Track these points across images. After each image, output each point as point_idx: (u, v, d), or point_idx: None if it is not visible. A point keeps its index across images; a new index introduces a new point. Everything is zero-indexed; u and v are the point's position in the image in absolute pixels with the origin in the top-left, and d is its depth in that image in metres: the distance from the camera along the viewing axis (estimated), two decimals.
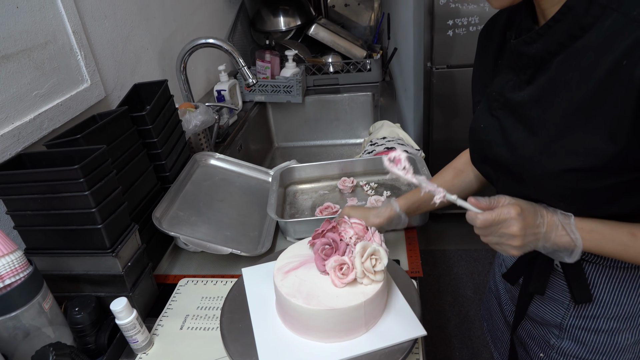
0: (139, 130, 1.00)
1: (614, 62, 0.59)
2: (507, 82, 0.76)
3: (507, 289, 1.00)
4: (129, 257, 0.85)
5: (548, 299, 0.86)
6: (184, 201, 1.09)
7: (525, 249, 0.67)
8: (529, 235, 0.66)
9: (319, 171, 1.27)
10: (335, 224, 0.76)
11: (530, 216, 0.67)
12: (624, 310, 0.80)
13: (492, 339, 1.14)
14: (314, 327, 0.68)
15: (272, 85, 1.87)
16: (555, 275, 0.83)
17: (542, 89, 0.68)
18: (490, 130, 0.79)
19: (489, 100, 0.80)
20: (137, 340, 0.80)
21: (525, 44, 0.69)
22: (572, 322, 0.84)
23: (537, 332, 0.91)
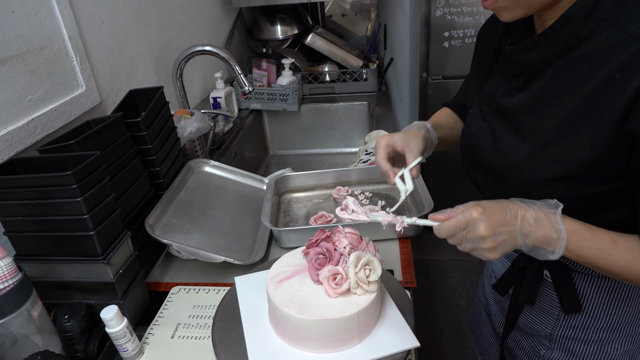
0: (133, 136, 1.00)
1: (608, 76, 0.60)
2: (499, 88, 0.77)
3: (497, 300, 1.00)
4: (120, 264, 0.84)
5: (538, 309, 0.86)
6: (178, 208, 1.08)
7: (502, 249, 0.63)
8: (501, 233, 0.62)
9: (314, 180, 1.27)
10: (330, 233, 0.76)
11: (497, 213, 0.63)
12: (613, 320, 0.80)
13: (480, 350, 1.13)
14: (307, 338, 0.68)
15: (268, 93, 1.88)
16: (544, 286, 0.83)
17: (535, 97, 0.69)
18: (481, 135, 0.80)
19: (481, 104, 0.81)
20: (127, 349, 0.79)
21: (520, 51, 0.70)
22: (562, 332, 0.84)
23: (527, 342, 0.91)
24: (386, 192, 1.24)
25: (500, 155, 0.74)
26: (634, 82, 0.56)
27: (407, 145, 0.82)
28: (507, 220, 0.63)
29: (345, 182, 1.27)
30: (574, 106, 0.63)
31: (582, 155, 0.63)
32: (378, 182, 1.27)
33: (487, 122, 0.79)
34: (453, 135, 1.00)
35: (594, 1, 0.61)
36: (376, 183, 1.27)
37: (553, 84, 0.66)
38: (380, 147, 0.83)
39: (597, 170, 0.63)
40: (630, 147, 0.60)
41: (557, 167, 0.66)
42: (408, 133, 0.86)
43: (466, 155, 0.85)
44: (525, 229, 0.63)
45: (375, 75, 2.02)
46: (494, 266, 0.98)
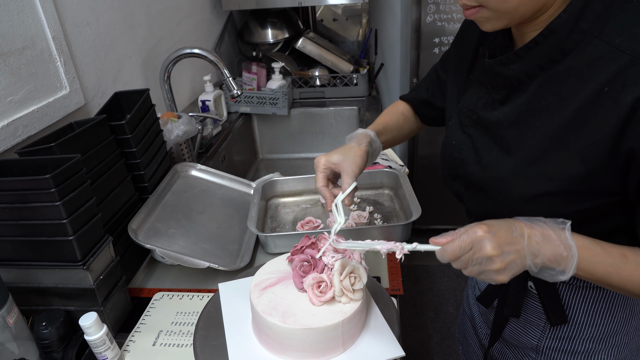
0: (117, 139, 0.98)
1: (596, 90, 0.59)
2: (478, 99, 0.75)
3: (482, 312, 0.98)
4: (101, 270, 0.82)
5: (523, 321, 0.85)
6: (163, 212, 1.07)
7: (512, 270, 0.59)
8: (509, 253, 0.58)
9: (302, 184, 1.26)
10: (315, 240, 0.75)
11: (502, 231, 0.59)
12: (599, 330, 0.79)
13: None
14: (290, 347, 0.67)
15: (257, 96, 1.86)
16: (529, 297, 0.82)
17: (520, 111, 0.67)
18: (462, 148, 0.78)
19: (460, 116, 0.79)
20: (106, 357, 0.77)
21: (501, 64, 0.68)
22: (549, 344, 0.83)
23: (513, 354, 0.90)
24: (374, 197, 1.23)
25: (484, 170, 0.73)
26: (626, 97, 0.55)
27: (345, 168, 0.80)
28: (514, 239, 0.59)
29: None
30: (562, 121, 0.62)
31: (573, 171, 0.62)
32: (366, 188, 1.26)
33: (468, 135, 0.77)
34: (401, 135, 1.01)
35: (577, 14, 0.60)
36: (364, 189, 1.26)
37: (538, 98, 0.65)
38: (318, 171, 0.82)
39: (588, 187, 0.62)
40: (625, 163, 0.58)
41: (547, 183, 0.64)
42: (347, 151, 0.83)
43: (447, 168, 0.84)
44: (534, 248, 0.59)
45: (366, 80, 2.02)
46: None
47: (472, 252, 0.58)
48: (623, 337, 0.81)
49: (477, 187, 0.76)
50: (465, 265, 0.60)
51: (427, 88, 0.99)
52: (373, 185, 1.26)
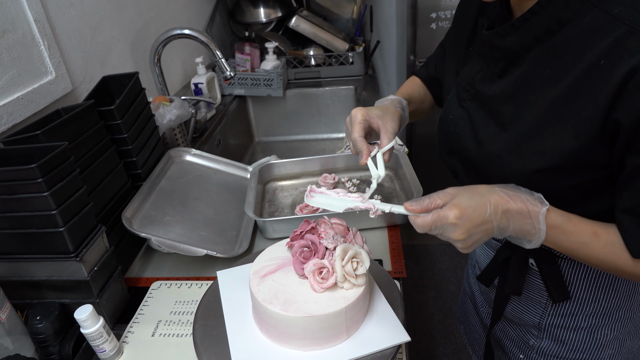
0: (107, 125, 0.95)
1: (592, 62, 0.56)
2: (477, 72, 0.73)
3: (482, 291, 0.97)
4: (95, 261, 0.79)
5: (525, 299, 0.84)
6: (157, 200, 1.04)
7: (476, 245, 0.62)
8: (476, 233, 0.60)
9: (300, 167, 1.23)
10: (315, 225, 0.72)
11: (475, 214, 0.59)
12: (602, 306, 0.78)
13: (470, 341, 1.11)
14: (292, 335, 0.65)
15: (251, 78, 1.82)
16: (531, 275, 0.81)
17: (516, 84, 0.65)
18: (459, 122, 0.76)
19: (459, 90, 0.77)
20: (104, 350, 0.75)
21: (498, 36, 0.66)
22: (551, 321, 0.82)
23: (515, 333, 0.89)
24: None
25: (480, 145, 0.71)
26: (620, 69, 0.53)
27: (384, 124, 0.78)
28: (486, 220, 0.59)
29: (331, 169, 1.23)
30: (557, 94, 0.60)
31: (566, 146, 0.60)
32: (366, 169, 1.23)
33: (465, 109, 0.75)
34: (422, 108, 0.97)
35: None
36: (364, 170, 1.23)
37: (534, 71, 0.63)
38: (356, 122, 0.78)
39: (581, 161, 0.61)
40: (613, 137, 0.57)
41: (540, 158, 0.63)
42: (385, 110, 0.81)
43: (444, 143, 0.82)
44: (504, 224, 0.60)
45: (362, 58, 1.97)
46: (478, 256, 0.95)
47: (441, 232, 0.60)
48: (627, 312, 0.80)
49: (471, 163, 0.74)
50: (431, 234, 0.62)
51: (434, 65, 0.96)
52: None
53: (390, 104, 0.85)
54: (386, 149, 0.76)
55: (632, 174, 0.57)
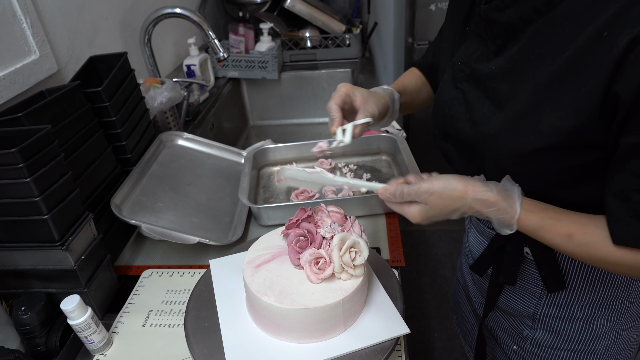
0: (94, 108, 0.91)
1: (594, 34, 0.53)
2: (473, 52, 0.70)
3: (475, 281, 0.95)
4: (82, 249, 0.76)
5: (519, 288, 0.82)
6: (148, 185, 1.00)
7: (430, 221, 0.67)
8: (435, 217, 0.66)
9: (295, 152, 1.20)
10: (311, 213, 0.69)
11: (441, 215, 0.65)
12: (599, 296, 0.76)
13: (462, 331, 1.10)
14: (288, 327, 0.62)
15: (246, 60, 1.77)
16: (525, 264, 0.79)
17: (513, 61, 0.63)
18: (454, 104, 0.74)
19: (454, 70, 0.74)
20: (93, 341, 0.72)
21: (496, 9, 0.63)
22: (546, 311, 0.80)
23: (509, 323, 0.87)
24: (372, 164, 1.17)
25: (475, 126, 0.68)
26: (622, 39, 0.50)
27: (364, 103, 0.77)
28: (448, 214, 0.65)
29: (328, 155, 1.19)
30: (556, 70, 0.57)
31: (565, 124, 0.57)
32: (363, 154, 1.20)
33: (460, 90, 0.73)
34: (418, 100, 0.95)
35: None
36: (361, 155, 1.20)
37: (533, 45, 0.60)
38: (337, 93, 0.77)
39: (579, 140, 0.58)
40: (612, 111, 0.54)
41: (537, 138, 0.60)
42: (372, 94, 0.80)
43: (437, 127, 0.79)
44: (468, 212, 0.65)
45: (359, 40, 1.92)
46: (471, 245, 0.93)
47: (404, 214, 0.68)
48: (624, 302, 0.78)
49: (466, 145, 0.71)
50: None
51: (433, 52, 0.92)
52: (370, 151, 1.20)
53: (381, 92, 0.84)
54: (359, 122, 0.75)
55: (625, 154, 0.54)
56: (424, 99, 0.96)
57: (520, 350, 0.87)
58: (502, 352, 0.91)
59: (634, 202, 0.54)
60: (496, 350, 0.94)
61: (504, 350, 0.90)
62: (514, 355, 0.88)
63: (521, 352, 0.86)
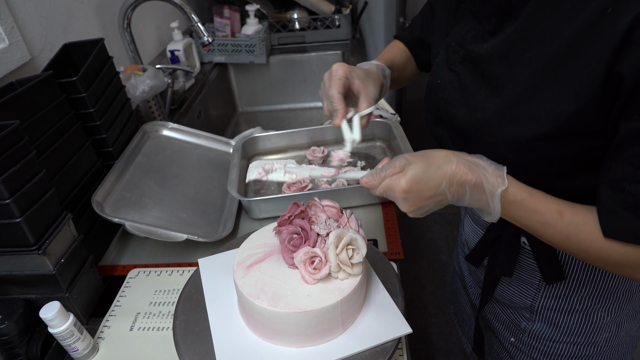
0: (70, 99, 0.85)
1: (597, 10, 0.49)
2: (468, 31, 0.66)
3: (472, 271, 0.92)
4: (61, 252, 0.72)
5: (516, 280, 0.79)
6: (132, 180, 0.95)
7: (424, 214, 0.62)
8: (426, 205, 0.60)
9: (286, 140, 1.15)
10: (305, 208, 0.65)
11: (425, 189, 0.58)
12: (599, 287, 0.73)
13: (459, 322, 1.07)
14: (283, 332, 0.58)
15: (232, 44, 1.70)
16: (522, 254, 0.75)
17: (510, 41, 0.58)
18: (447, 87, 0.69)
19: (448, 51, 0.70)
20: (77, 349, 0.68)
21: None
22: (544, 303, 0.77)
23: (507, 315, 0.84)
24: (366, 151, 1.13)
25: (470, 112, 0.64)
26: (627, 16, 0.46)
27: (365, 88, 0.71)
28: (438, 193, 0.58)
29: (320, 142, 1.15)
30: (556, 51, 0.53)
31: (563, 110, 0.53)
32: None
33: (454, 73, 0.68)
34: (404, 76, 0.90)
35: None
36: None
37: (531, 24, 0.56)
38: (336, 77, 0.70)
39: (580, 127, 0.54)
40: (615, 94, 0.50)
41: (535, 124, 0.56)
42: (369, 73, 0.74)
43: (430, 111, 0.75)
44: (459, 194, 0.59)
45: (349, 21, 1.86)
46: (467, 235, 0.90)
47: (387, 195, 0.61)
48: (625, 293, 0.75)
49: (461, 131, 0.67)
50: None
51: (420, 25, 0.87)
52: (364, 138, 1.14)
53: (375, 70, 0.78)
54: (365, 112, 0.70)
55: (623, 141, 0.50)
56: (409, 75, 0.92)
57: (518, 342, 0.84)
58: (499, 344, 0.89)
59: (628, 192, 0.51)
60: (493, 343, 0.91)
61: (502, 342, 0.88)
62: (511, 347, 0.86)
63: (519, 344, 0.84)
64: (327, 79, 0.72)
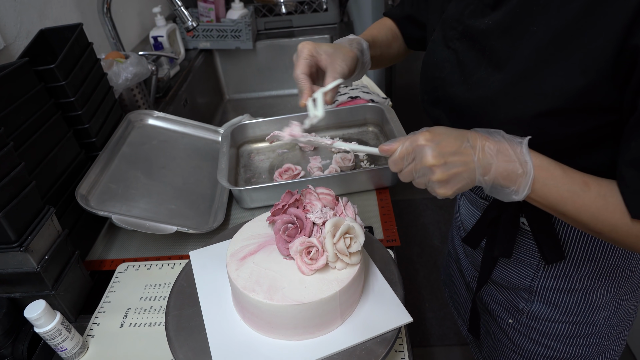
0: (48, 88, 0.81)
1: None
2: (466, 6, 0.63)
3: (468, 253, 0.91)
4: (45, 248, 0.68)
5: (514, 261, 0.78)
6: (117, 171, 0.92)
7: (456, 183, 0.53)
8: (453, 164, 0.52)
9: (276, 127, 1.11)
10: (299, 197, 0.63)
11: (449, 140, 0.53)
12: (599, 266, 0.72)
13: (455, 305, 1.07)
14: (280, 325, 0.56)
15: (217, 29, 1.66)
16: (521, 235, 0.74)
17: (513, 14, 0.56)
18: (445, 66, 0.67)
19: (445, 28, 0.67)
20: (65, 348, 0.66)
21: None
22: (543, 283, 0.76)
23: (504, 296, 0.83)
24: (358, 136, 1.11)
25: (470, 90, 0.62)
26: None
27: (332, 63, 0.68)
28: (462, 149, 0.53)
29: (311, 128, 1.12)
30: (563, 23, 0.51)
31: (571, 85, 0.51)
32: (349, 126, 1.13)
33: (452, 50, 0.66)
34: (389, 54, 0.87)
35: None
36: (347, 127, 1.13)
37: None
38: (301, 57, 0.68)
39: (589, 103, 0.52)
40: (629, 69, 0.48)
41: (540, 100, 0.54)
42: (338, 48, 0.71)
43: (427, 92, 0.72)
44: (486, 161, 0.53)
45: (336, 4, 1.82)
46: (463, 217, 0.88)
47: (415, 163, 0.54)
48: (624, 271, 0.74)
49: (460, 111, 0.65)
50: (411, 177, 0.56)
51: (411, 2, 0.84)
52: (356, 123, 1.13)
53: (347, 44, 0.75)
54: (328, 87, 0.67)
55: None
56: (394, 53, 0.88)
57: (516, 323, 0.83)
58: (496, 326, 0.88)
59: None
60: (490, 324, 0.90)
61: (499, 324, 0.87)
62: (509, 329, 0.85)
63: (517, 325, 0.83)
64: (296, 57, 0.69)
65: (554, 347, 0.80)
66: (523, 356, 0.84)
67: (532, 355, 0.83)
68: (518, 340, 0.84)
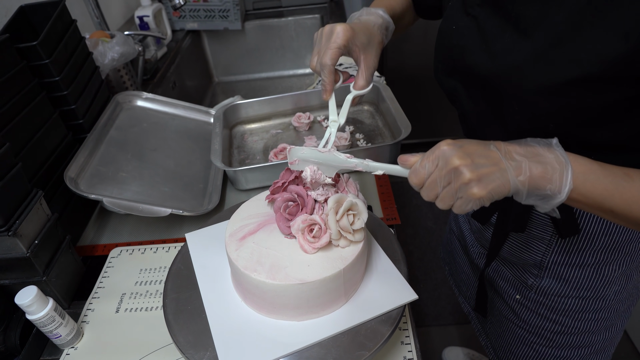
0: (31, 66, 0.77)
1: None
2: None
3: (474, 230, 0.89)
4: (35, 233, 0.66)
5: (525, 236, 0.76)
6: (107, 154, 0.89)
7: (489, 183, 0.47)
8: (482, 164, 0.47)
9: (269, 107, 1.09)
10: (299, 174, 0.61)
11: (473, 144, 0.49)
12: (613, 239, 0.71)
13: (456, 282, 1.06)
14: (283, 305, 0.55)
15: (204, 9, 1.61)
16: (534, 209, 0.73)
17: None
18: (464, 33, 0.63)
19: None
20: (59, 335, 0.64)
21: None
22: (554, 258, 0.75)
23: (512, 272, 0.83)
24: (353, 115, 1.08)
25: (493, 58, 0.59)
26: None
27: (366, 59, 0.65)
28: (489, 152, 0.48)
29: (305, 108, 1.10)
30: None
31: (611, 50, 0.48)
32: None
33: (472, 17, 0.62)
34: (400, 26, 0.82)
35: None
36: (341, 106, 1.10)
37: None
38: (334, 45, 0.62)
39: (628, 70, 0.49)
40: None
41: (573, 67, 0.51)
42: (372, 38, 0.66)
43: (442, 61, 0.69)
44: (516, 162, 0.48)
45: None
46: None
47: (439, 170, 0.48)
48: (636, 244, 0.73)
49: (480, 80, 0.62)
50: (436, 190, 0.50)
51: None
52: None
53: (377, 30, 0.70)
54: (361, 93, 0.65)
55: None
56: (405, 24, 0.84)
57: (524, 299, 0.83)
58: (502, 302, 0.88)
59: None
60: (496, 301, 0.90)
61: (505, 300, 0.87)
62: (516, 304, 0.85)
63: (525, 301, 0.83)
64: (327, 38, 0.64)
65: (562, 322, 0.79)
66: (529, 331, 0.84)
67: (539, 330, 0.82)
68: (525, 315, 0.83)
